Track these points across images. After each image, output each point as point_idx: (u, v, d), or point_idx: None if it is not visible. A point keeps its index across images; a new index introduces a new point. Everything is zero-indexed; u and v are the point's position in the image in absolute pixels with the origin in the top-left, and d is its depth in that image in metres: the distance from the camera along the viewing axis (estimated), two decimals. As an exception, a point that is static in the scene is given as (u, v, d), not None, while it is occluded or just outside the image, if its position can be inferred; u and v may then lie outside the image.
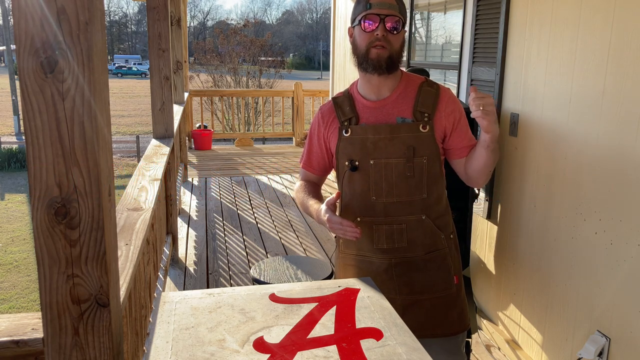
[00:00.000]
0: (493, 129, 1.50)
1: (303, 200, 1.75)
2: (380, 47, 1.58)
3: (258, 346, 1.09)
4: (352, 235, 1.51)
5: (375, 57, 1.59)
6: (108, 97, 1.01)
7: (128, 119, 25.81)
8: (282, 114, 9.08)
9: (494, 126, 1.50)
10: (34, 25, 0.87)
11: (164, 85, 3.61)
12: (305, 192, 1.76)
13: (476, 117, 1.48)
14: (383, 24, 1.57)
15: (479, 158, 1.61)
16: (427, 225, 1.65)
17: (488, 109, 1.47)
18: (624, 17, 1.92)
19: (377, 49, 1.58)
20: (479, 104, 1.46)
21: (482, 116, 1.47)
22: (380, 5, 1.57)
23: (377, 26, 1.57)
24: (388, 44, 1.58)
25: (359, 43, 1.62)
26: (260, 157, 7.96)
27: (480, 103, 1.46)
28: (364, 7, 1.59)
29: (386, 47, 1.58)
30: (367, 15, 1.58)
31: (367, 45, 1.59)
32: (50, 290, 0.97)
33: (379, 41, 1.57)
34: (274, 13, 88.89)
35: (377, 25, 1.57)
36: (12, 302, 7.43)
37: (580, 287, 2.18)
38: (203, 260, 4.03)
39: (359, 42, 1.62)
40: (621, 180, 1.94)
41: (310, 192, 1.75)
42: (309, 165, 1.82)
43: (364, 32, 1.60)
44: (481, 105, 1.46)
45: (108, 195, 1.00)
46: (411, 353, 1.08)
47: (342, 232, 1.52)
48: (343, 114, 1.69)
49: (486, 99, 1.47)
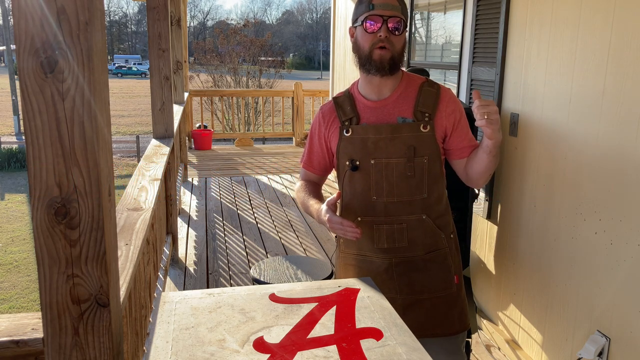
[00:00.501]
0: (496, 136, 1.51)
1: (304, 200, 1.75)
2: (382, 49, 1.57)
3: (258, 346, 1.09)
4: (352, 236, 1.51)
5: (378, 59, 1.59)
6: (108, 97, 1.01)
7: (128, 119, 25.81)
8: (282, 114, 9.08)
9: (498, 134, 1.50)
10: (34, 25, 0.87)
11: (164, 85, 3.61)
12: (305, 192, 1.76)
13: (480, 125, 1.48)
14: (386, 24, 1.56)
15: (480, 162, 1.61)
16: (428, 225, 1.66)
17: (492, 118, 1.47)
18: (624, 17, 1.92)
19: (380, 50, 1.58)
20: (483, 112, 1.46)
21: (487, 125, 1.47)
22: (383, 6, 1.57)
23: (380, 27, 1.57)
24: (390, 45, 1.58)
25: (362, 44, 1.62)
26: (260, 157, 7.96)
27: (485, 112, 1.46)
28: (366, 7, 1.59)
29: (389, 48, 1.58)
30: (370, 16, 1.57)
31: (369, 47, 1.59)
32: (50, 290, 0.97)
33: (382, 42, 1.57)
34: (274, 13, 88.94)
35: (380, 26, 1.57)
36: (12, 302, 7.43)
37: (580, 287, 2.18)
38: (203, 260, 4.03)
39: (361, 43, 1.62)
40: (621, 180, 1.94)
41: (310, 192, 1.76)
42: (310, 164, 1.82)
43: (366, 33, 1.59)
44: (486, 113, 1.46)
45: (108, 195, 1.00)
46: (411, 353, 1.08)
47: (343, 232, 1.52)
48: (344, 113, 1.69)
49: (490, 107, 1.46)
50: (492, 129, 1.48)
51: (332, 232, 1.59)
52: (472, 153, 1.68)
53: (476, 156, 1.63)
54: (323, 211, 1.58)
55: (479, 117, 1.47)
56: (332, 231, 1.58)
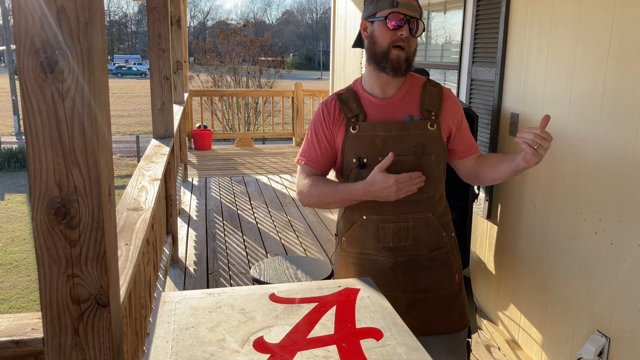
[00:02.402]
0: (533, 163, 1.50)
1: (326, 190, 1.64)
2: (400, 49, 1.56)
3: (258, 346, 1.09)
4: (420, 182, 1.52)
5: (395, 59, 1.57)
6: (108, 97, 1.01)
7: (128, 119, 25.81)
8: (282, 114, 9.08)
9: (535, 161, 1.49)
10: (34, 25, 0.87)
11: (164, 85, 3.61)
12: (324, 182, 1.67)
13: (526, 149, 1.46)
14: (408, 24, 1.55)
15: (501, 172, 1.61)
16: (433, 223, 1.66)
17: (541, 152, 1.45)
18: (624, 17, 1.92)
19: (398, 50, 1.56)
20: (538, 141, 1.43)
21: (533, 153, 1.45)
22: (407, 5, 1.55)
23: (402, 26, 1.55)
24: (408, 46, 1.57)
25: (380, 40, 1.58)
26: (260, 157, 7.96)
27: (541, 142, 1.43)
28: (390, 4, 1.55)
29: (406, 49, 1.57)
30: (394, 14, 1.55)
31: (388, 44, 1.56)
32: (50, 290, 0.97)
33: (402, 42, 1.55)
34: (274, 13, 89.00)
35: (403, 25, 1.55)
36: (12, 302, 7.43)
37: (580, 287, 2.18)
38: (203, 260, 4.03)
39: (380, 39, 1.58)
40: (621, 180, 1.94)
41: (329, 181, 1.67)
42: (315, 161, 1.71)
43: (387, 30, 1.56)
44: (540, 144, 1.44)
45: (108, 195, 1.00)
46: (411, 353, 1.08)
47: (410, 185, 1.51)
48: (349, 110, 1.65)
49: (548, 142, 1.44)
50: (536, 159, 1.47)
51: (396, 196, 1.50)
52: (487, 158, 1.68)
53: (499, 165, 1.62)
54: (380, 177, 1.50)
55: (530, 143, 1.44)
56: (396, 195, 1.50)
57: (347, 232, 1.73)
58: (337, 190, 1.62)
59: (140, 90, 35.61)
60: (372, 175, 1.53)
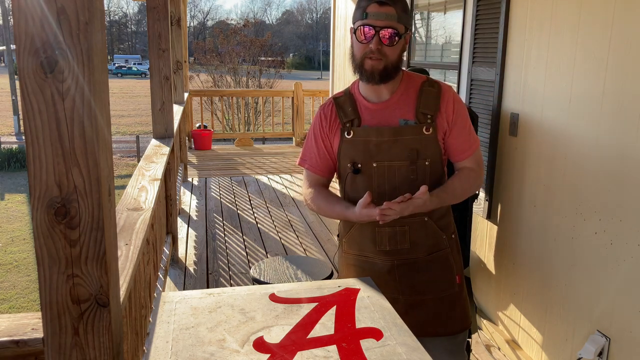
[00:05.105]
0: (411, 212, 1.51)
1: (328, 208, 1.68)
2: (374, 59, 1.54)
3: (258, 346, 1.09)
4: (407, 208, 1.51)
5: (369, 69, 1.55)
6: (108, 97, 1.01)
7: (128, 119, 25.80)
8: (282, 114, 9.08)
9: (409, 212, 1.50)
10: (34, 25, 0.87)
11: (164, 85, 3.61)
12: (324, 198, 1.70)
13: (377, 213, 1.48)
14: (378, 36, 1.52)
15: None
16: (430, 227, 1.65)
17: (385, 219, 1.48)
18: (624, 18, 1.92)
19: (372, 60, 1.54)
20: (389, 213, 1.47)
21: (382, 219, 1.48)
22: (376, 15, 1.51)
23: (372, 39, 1.52)
24: (383, 56, 1.54)
25: (355, 51, 1.59)
26: (260, 157, 7.96)
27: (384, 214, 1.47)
28: (360, 15, 1.54)
29: (381, 59, 1.54)
30: (363, 26, 1.53)
31: (361, 56, 1.56)
32: (50, 290, 0.97)
33: (372, 54, 1.53)
34: (274, 13, 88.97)
35: (372, 37, 1.52)
36: (12, 302, 7.43)
37: (580, 287, 2.18)
38: (203, 260, 4.03)
39: (354, 50, 1.59)
40: (621, 180, 1.94)
41: (330, 196, 1.70)
42: (317, 167, 1.73)
43: (358, 42, 1.56)
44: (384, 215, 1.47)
45: (108, 195, 1.00)
46: (411, 353, 1.08)
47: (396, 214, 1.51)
48: (345, 114, 1.66)
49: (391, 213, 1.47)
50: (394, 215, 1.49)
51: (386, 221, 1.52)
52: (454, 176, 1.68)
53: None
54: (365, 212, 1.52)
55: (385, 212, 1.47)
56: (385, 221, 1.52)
57: (347, 234, 1.73)
58: (334, 210, 1.66)
59: (140, 90, 35.59)
60: (357, 208, 1.54)
